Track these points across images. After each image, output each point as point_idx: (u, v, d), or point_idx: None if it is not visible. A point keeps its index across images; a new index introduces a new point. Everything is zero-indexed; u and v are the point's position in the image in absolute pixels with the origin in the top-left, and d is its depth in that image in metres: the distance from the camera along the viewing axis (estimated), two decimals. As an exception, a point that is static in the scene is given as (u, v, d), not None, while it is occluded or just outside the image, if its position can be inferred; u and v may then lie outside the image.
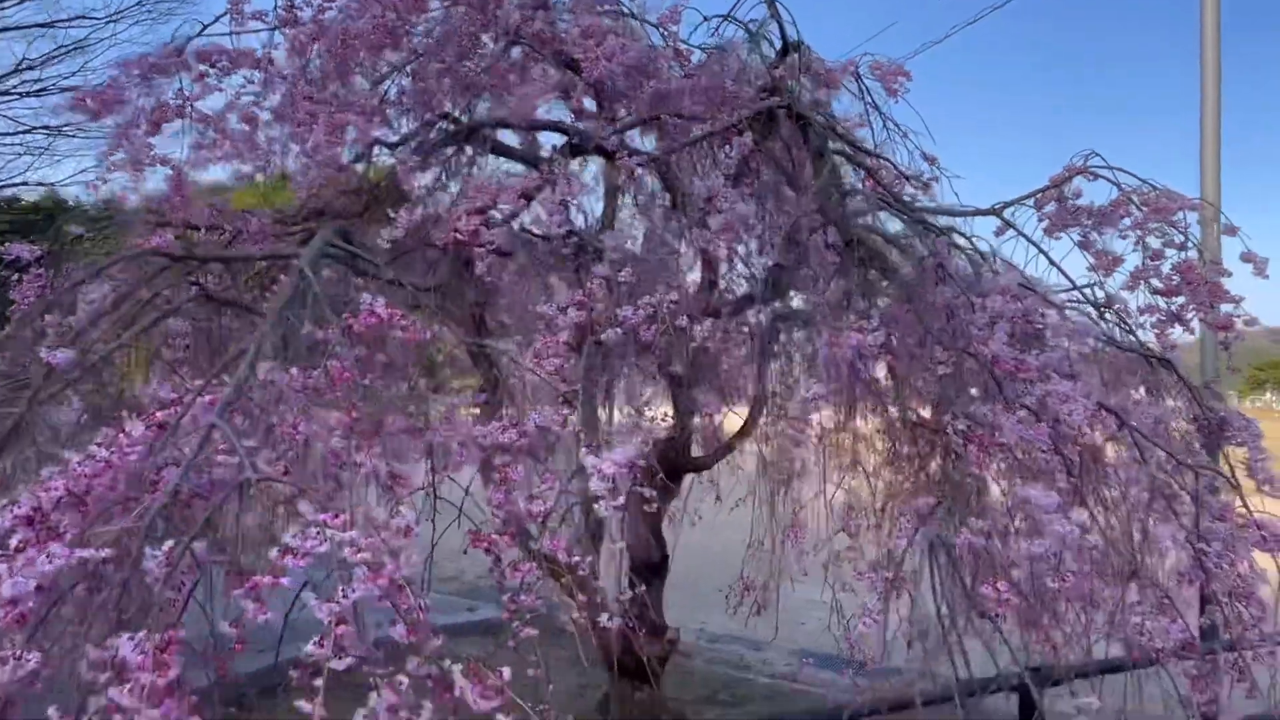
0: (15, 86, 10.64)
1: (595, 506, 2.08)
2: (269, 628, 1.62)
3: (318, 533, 1.38)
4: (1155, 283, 4.36)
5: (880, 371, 2.20)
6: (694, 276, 4.44)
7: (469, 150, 3.38)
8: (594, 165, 4.36)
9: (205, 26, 3.51)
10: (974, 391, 2.11)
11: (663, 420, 5.76)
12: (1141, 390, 4.05)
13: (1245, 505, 2.85)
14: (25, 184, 11.21)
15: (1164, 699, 2.46)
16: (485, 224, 2.82)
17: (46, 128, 11.47)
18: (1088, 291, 4.38)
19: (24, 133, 11.32)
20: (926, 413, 2.26)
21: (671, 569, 5.98)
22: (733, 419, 6.22)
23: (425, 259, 2.99)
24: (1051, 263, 4.48)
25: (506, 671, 1.40)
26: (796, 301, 4.04)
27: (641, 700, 6.01)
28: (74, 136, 10.81)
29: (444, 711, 1.36)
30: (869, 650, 3.24)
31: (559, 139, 3.77)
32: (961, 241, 2.95)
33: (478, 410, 2.84)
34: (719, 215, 2.50)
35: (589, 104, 4.12)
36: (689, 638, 8.96)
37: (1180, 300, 4.31)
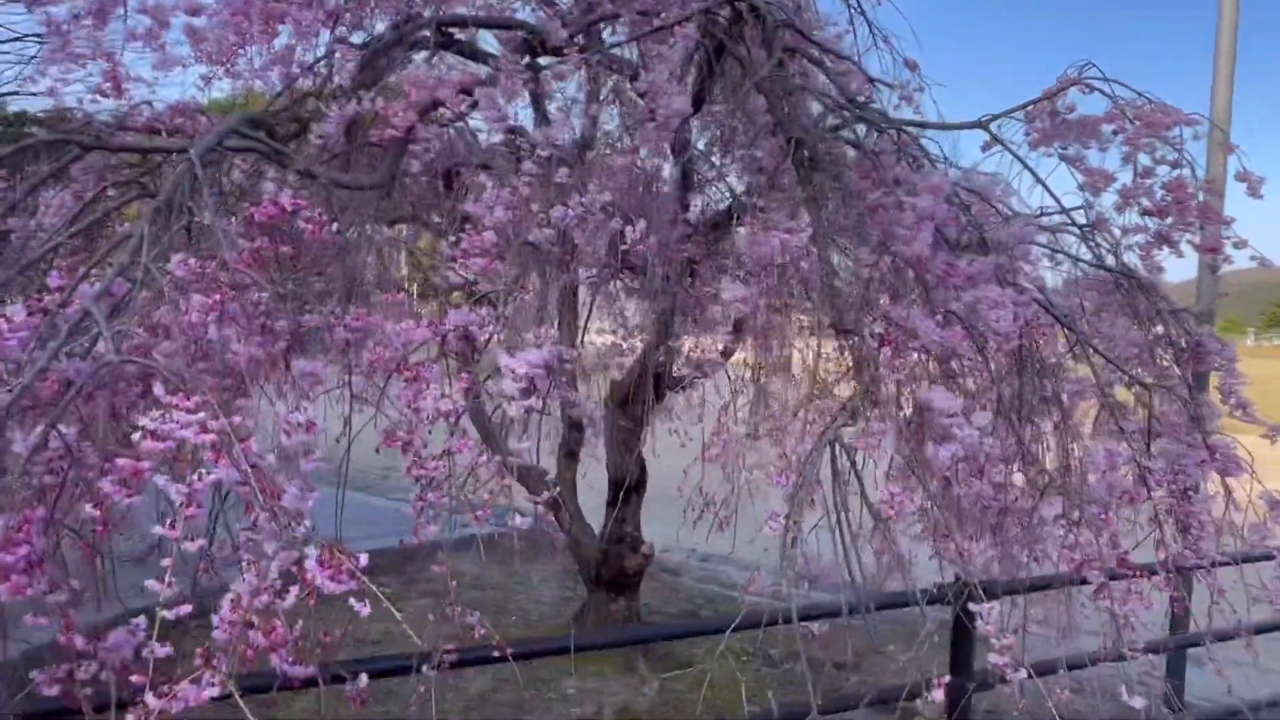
0: (4, -9, 10.33)
1: (503, 407, 2.05)
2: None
3: (167, 415, 1.35)
4: (1145, 202, 4.20)
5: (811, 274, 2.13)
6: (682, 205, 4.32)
7: (413, 50, 3.24)
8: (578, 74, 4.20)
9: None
10: (884, 298, 2.03)
11: (642, 340, 5.72)
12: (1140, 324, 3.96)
13: (1199, 426, 2.79)
14: (16, 93, 10.97)
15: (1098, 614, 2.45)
16: (423, 120, 2.72)
17: (39, 36, 11.14)
18: (1074, 212, 4.24)
19: (14, 40, 11.04)
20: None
21: (666, 490, 6.03)
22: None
23: (369, 159, 2.91)
24: (1037, 179, 4.30)
25: (363, 558, 1.39)
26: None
27: (618, 611, 6.16)
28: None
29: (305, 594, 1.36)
30: (819, 564, 3.25)
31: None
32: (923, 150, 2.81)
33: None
34: (658, 111, 2.38)
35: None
36: (680, 557, 9.13)
37: (1170, 221, 4.16)
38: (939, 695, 1.95)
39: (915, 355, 1.91)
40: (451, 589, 1.97)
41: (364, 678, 1.94)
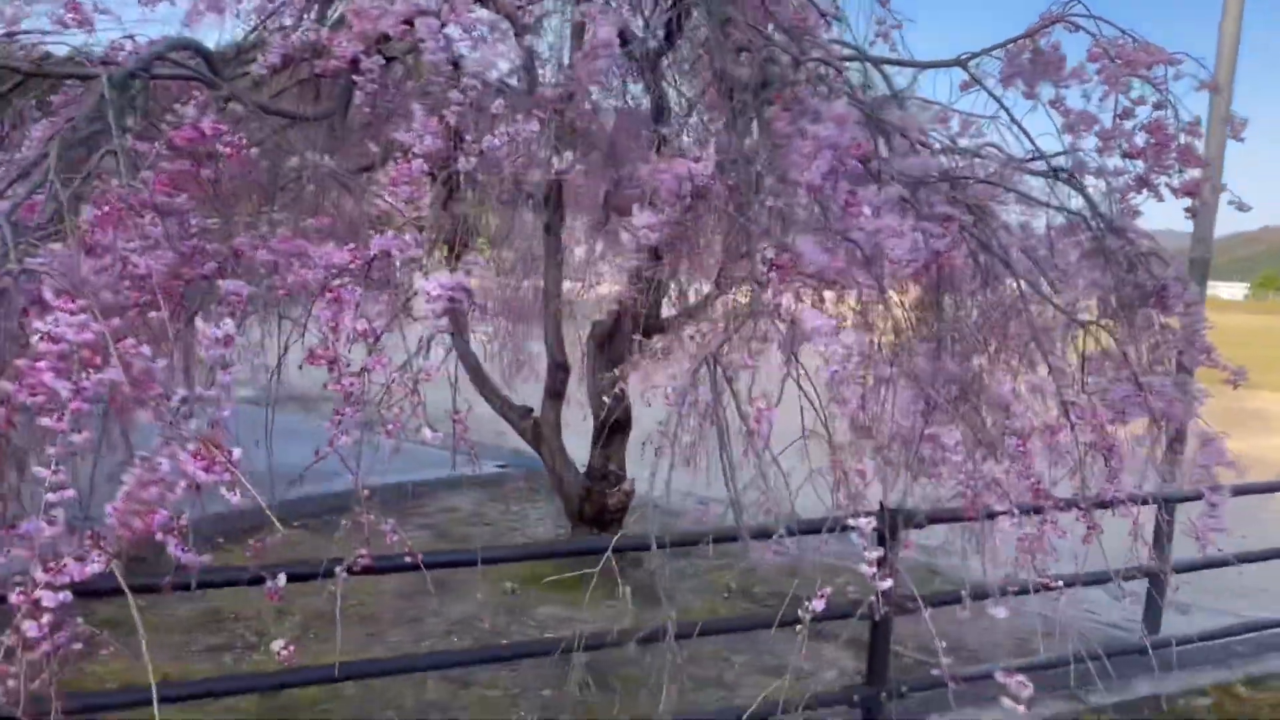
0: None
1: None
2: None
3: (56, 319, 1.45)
4: (1125, 145, 4.13)
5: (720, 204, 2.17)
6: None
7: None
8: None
9: None
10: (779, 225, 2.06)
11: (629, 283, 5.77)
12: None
13: (1129, 368, 2.80)
14: (23, 33, 10.99)
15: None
16: (368, 52, 2.76)
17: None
18: (1057, 156, 4.18)
19: (24, -22, 11.03)
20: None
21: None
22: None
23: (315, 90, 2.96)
24: (1013, 120, 4.23)
25: (236, 451, 1.49)
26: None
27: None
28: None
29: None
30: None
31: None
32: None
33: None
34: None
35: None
36: (676, 499, 9.27)
37: (1148, 164, 4.09)
38: (819, 605, 2.04)
39: (799, 281, 1.96)
40: (361, 496, 2.08)
41: (283, 577, 2.07)
